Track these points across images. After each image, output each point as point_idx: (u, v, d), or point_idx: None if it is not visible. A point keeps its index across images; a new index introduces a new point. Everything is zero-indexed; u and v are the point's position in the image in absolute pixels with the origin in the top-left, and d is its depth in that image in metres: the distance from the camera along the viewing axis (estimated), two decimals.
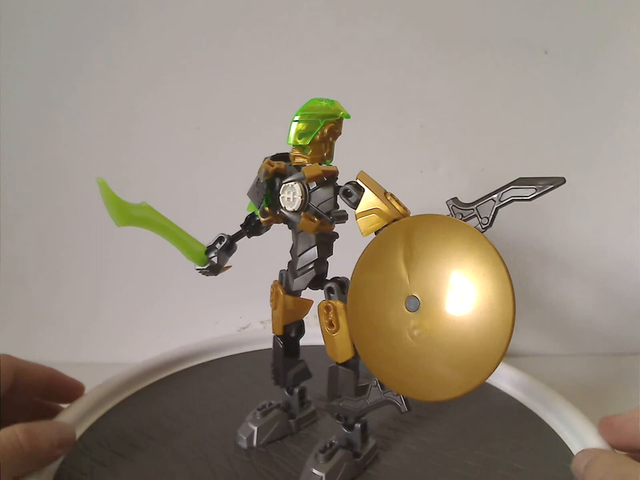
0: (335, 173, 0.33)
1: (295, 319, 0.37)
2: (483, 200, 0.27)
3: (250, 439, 0.37)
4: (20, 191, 0.59)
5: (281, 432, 0.38)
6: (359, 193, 0.31)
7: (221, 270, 0.37)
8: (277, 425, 0.38)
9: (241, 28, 0.56)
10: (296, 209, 0.32)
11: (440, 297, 0.27)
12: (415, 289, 0.28)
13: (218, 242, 0.36)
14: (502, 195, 0.26)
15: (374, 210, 0.30)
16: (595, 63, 0.57)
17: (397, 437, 0.38)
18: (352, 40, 0.56)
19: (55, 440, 0.31)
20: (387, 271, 0.29)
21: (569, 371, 0.58)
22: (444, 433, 0.39)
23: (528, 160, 0.60)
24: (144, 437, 0.38)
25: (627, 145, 0.59)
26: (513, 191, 0.26)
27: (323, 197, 0.33)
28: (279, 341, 0.37)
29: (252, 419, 0.38)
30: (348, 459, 0.33)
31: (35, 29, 0.55)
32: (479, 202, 0.27)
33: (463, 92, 0.58)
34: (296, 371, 0.38)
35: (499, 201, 0.26)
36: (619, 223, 0.61)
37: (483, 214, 0.27)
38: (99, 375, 0.42)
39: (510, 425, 0.40)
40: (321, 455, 0.32)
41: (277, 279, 0.37)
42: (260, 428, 0.37)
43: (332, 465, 0.32)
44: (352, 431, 0.34)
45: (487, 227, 0.26)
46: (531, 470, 0.35)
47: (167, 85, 0.57)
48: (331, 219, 0.33)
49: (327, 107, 0.32)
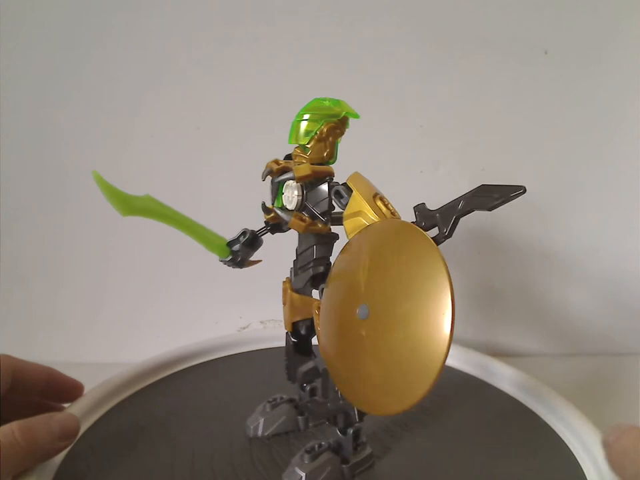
0: (328, 174, 0.33)
1: (302, 316, 0.37)
2: (445, 207, 0.26)
3: (255, 429, 0.38)
4: (20, 191, 0.59)
5: (287, 426, 0.38)
6: (349, 195, 0.31)
7: (246, 264, 0.37)
8: (283, 418, 0.38)
9: (241, 28, 0.56)
10: (294, 208, 0.33)
11: (385, 309, 0.25)
12: (367, 297, 0.27)
13: (242, 236, 0.36)
14: (462, 204, 0.25)
15: (359, 212, 0.29)
16: (595, 62, 0.57)
17: (395, 438, 0.38)
18: (352, 40, 0.56)
19: (57, 432, 0.31)
20: (348, 277, 0.29)
21: (569, 371, 0.58)
22: (443, 434, 0.39)
23: (528, 160, 0.60)
24: (144, 436, 0.38)
25: (627, 144, 0.59)
26: (475, 200, 0.24)
27: (318, 197, 0.33)
28: (290, 337, 0.38)
29: (261, 410, 0.38)
30: (334, 463, 0.33)
31: (36, 29, 0.55)
32: (441, 209, 0.26)
33: (463, 92, 0.58)
34: (305, 369, 0.38)
35: (458, 211, 0.25)
36: (619, 223, 0.61)
37: (444, 223, 0.25)
38: (99, 374, 0.42)
39: (510, 425, 0.40)
40: (307, 455, 0.32)
41: (288, 276, 0.37)
42: (266, 419, 0.38)
43: (315, 465, 0.32)
44: (345, 435, 0.33)
45: (446, 236, 0.25)
46: (531, 470, 0.35)
47: (167, 85, 0.57)
48: (325, 219, 0.33)
49: (329, 107, 0.33)
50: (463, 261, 0.62)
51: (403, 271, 0.25)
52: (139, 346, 0.55)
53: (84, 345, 0.62)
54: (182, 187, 0.59)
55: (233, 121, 0.58)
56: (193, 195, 0.60)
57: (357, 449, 0.34)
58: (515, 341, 0.62)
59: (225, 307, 0.62)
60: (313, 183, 0.33)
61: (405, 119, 0.58)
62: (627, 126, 0.58)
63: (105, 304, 0.63)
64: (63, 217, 0.60)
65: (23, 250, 0.61)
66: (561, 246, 0.61)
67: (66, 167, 0.59)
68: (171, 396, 0.43)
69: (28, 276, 0.62)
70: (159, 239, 0.60)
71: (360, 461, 0.34)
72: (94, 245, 0.61)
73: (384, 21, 0.56)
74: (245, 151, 0.56)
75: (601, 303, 0.63)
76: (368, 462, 0.34)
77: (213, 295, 0.61)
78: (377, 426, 0.39)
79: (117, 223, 0.60)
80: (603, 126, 0.59)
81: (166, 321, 0.62)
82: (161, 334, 0.62)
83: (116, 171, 0.58)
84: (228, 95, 0.57)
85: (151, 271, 0.61)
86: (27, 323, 0.62)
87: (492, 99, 0.58)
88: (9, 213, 0.59)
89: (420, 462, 0.35)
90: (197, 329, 0.58)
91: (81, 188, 0.59)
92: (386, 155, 0.58)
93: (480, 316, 0.63)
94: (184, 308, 0.62)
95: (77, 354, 0.61)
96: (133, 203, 0.33)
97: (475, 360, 0.48)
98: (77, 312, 0.62)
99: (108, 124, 0.58)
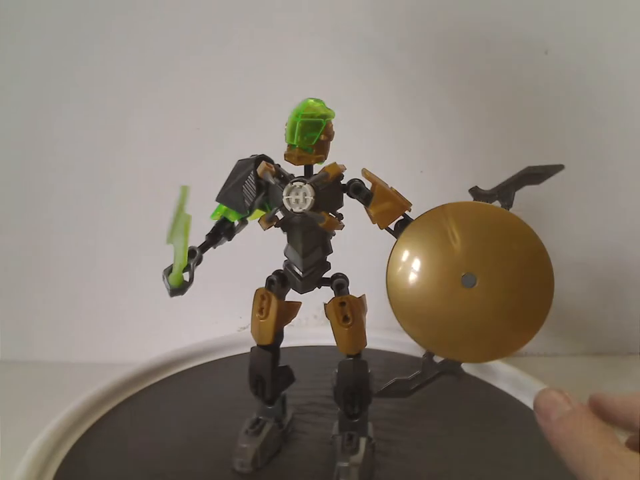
0: (341, 172, 0.33)
1: (285, 323, 0.37)
2: (502, 186, 0.32)
3: (254, 461, 0.35)
4: (19, 191, 0.59)
5: (277, 445, 0.37)
6: (367, 188, 0.33)
7: (188, 287, 0.35)
8: (273, 439, 0.36)
9: (240, 29, 0.56)
10: (306, 209, 0.32)
11: (495, 274, 0.31)
12: (470, 267, 0.31)
13: (189, 257, 0.34)
14: (516, 181, 0.32)
15: (387, 199, 0.32)
16: (595, 63, 0.57)
17: (392, 441, 0.38)
18: (351, 40, 0.56)
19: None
20: (437, 254, 0.31)
21: (569, 371, 0.58)
22: (443, 434, 0.39)
23: (528, 160, 0.59)
24: (144, 436, 0.38)
25: (627, 145, 0.59)
26: (524, 179, 0.32)
27: (332, 195, 0.33)
28: (267, 352, 0.36)
29: (247, 439, 0.36)
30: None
31: (32, 29, 0.55)
32: (500, 188, 0.32)
33: (462, 92, 0.58)
34: (283, 377, 0.38)
35: (515, 187, 0.32)
36: (619, 223, 0.61)
37: (504, 199, 0.32)
38: (99, 375, 0.42)
39: (510, 425, 0.40)
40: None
41: (261, 287, 0.36)
42: (260, 448, 0.35)
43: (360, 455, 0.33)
44: (359, 418, 0.35)
45: (509, 208, 0.32)
46: (531, 470, 0.35)
47: (166, 86, 0.57)
48: (338, 216, 0.33)
49: (323, 107, 0.33)
50: None
51: (503, 245, 0.31)
52: (139, 346, 0.55)
53: (84, 345, 0.62)
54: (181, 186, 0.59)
55: (233, 121, 0.58)
56: (193, 195, 0.60)
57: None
58: None
59: (225, 307, 0.62)
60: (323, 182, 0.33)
61: (404, 119, 0.58)
62: (627, 126, 0.58)
63: (105, 304, 0.63)
64: (63, 217, 0.60)
65: (23, 250, 0.61)
66: (560, 245, 0.61)
67: (64, 166, 0.59)
68: (171, 396, 0.44)
69: (28, 276, 0.62)
70: (159, 239, 0.59)
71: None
72: (94, 245, 0.61)
73: (383, 21, 0.56)
74: (245, 150, 0.56)
75: (600, 303, 0.63)
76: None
77: (212, 295, 0.61)
78: (375, 426, 0.39)
79: (116, 223, 0.60)
80: (603, 126, 0.59)
81: (166, 321, 0.62)
82: (161, 334, 0.62)
83: (116, 170, 0.59)
84: (228, 95, 0.57)
85: (151, 271, 0.61)
86: (27, 323, 0.62)
87: (492, 99, 0.58)
88: (7, 212, 0.59)
89: (419, 462, 0.35)
90: (197, 329, 0.58)
91: (81, 188, 0.59)
92: (386, 155, 0.58)
93: None
94: (184, 308, 0.62)
95: (77, 354, 0.61)
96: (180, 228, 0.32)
97: None
98: (77, 312, 0.62)
99: (105, 125, 0.58)
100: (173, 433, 0.38)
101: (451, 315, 0.31)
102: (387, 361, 0.49)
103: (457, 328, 0.31)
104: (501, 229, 0.32)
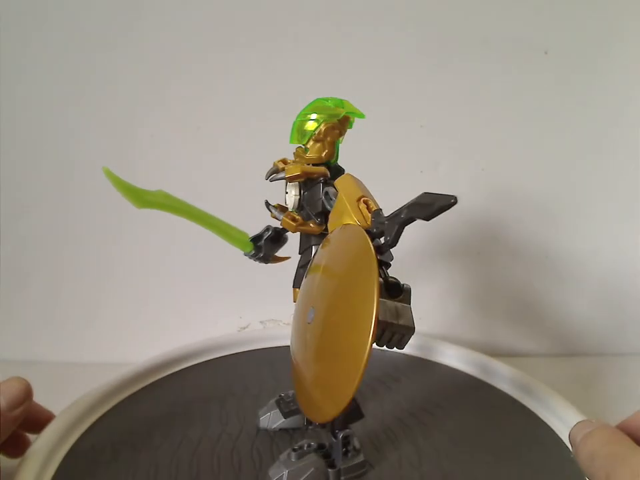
0: (322, 174, 0.32)
1: None
2: (390, 216, 0.25)
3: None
4: (20, 191, 0.59)
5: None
6: (336, 196, 0.30)
7: (272, 259, 0.37)
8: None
9: (242, 29, 0.56)
10: (292, 207, 0.32)
11: (324, 314, 0.26)
12: (315, 301, 0.27)
13: (265, 231, 0.37)
14: (405, 212, 0.24)
15: (342, 214, 0.29)
16: (595, 62, 0.57)
17: (393, 438, 0.38)
18: (352, 40, 0.56)
19: (3, 405, 0.30)
20: (307, 282, 0.29)
21: (569, 371, 0.58)
22: (443, 434, 0.39)
23: (527, 160, 0.60)
24: (144, 436, 0.38)
25: (628, 145, 0.59)
26: (415, 208, 0.24)
27: (313, 197, 0.33)
28: None
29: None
30: (319, 465, 0.31)
31: (42, 32, 0.55)
32: (388, 217, 0.25)
33: (463, 92, 0.58)
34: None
35: (401, 219, 0.25)
36: (619, 224, 0.61)
37: (388, 231, 0.25)
38: (99, 375, 0.42)
39: (510, 425, 0.40)
40: (294, 453, 0.32)
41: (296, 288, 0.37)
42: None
43: (299, 465, 0.31)
44: (335, 439, 0.32)
45: (390, 245, 0.25)
46: (531, 470, 0.35)
47: (169, 85, 0.57)
48: (320, 220, 0.33)
49: (330, 107, 0.33)
50: (463, 261, 0.62)
51: (344, 278, 0.26)
52: (139, 346, 0.55)
53: (84, 345, 0.62)
54: (182, 186, 0.59)
55: (233, 122, 0.58)
56: (193, 195, 0.60)
57: (347, 454, 0.32)
58: (515, 341, 0.62)
59: (225, 307, 0.62)
60: (309, 183, 0.33)
61: (405, 119, 0.58)
62: (627, 126, 0.58)
63: (105, 304, 0.63)
64: (63, 217, 0.60)
65: (23, 250, 0.61)
66: (561, 246, 0.61)
67: (67, 167, 0.59)
68: (171, 396, 0.44)
69: (28, 276, 0.62)
70: (159, 239, 0.60)
71: (350, 467, 0.32)
72: (94, 245, 0.61)
73: (384, 21, 0.56)
74: (246, 150, 0.56)
75: (600, 303, 0.63)
76: (360, 469, 0.33)
77: (213, 295, 0.61)
78: (376, 424, 0.39)
79: (116, 223, 0.60)
80: (603, 126, 0.59)
81: (166, 321, 0.62)
82: (161, 334, 0.62)
83: (117, 171, 0.59)
84: (228, 96, 0.57)
85: (151, 270, 0.61)
86: (27, 323, 0.62)
87: (492, 99, 0.58)
88: (9, 213, 0.59)
89: (419, 462, 0.35)
90: (197, 329, 0.57)
91: (82, 188, 0.59)
92: (386, 155, 0.58)
93: (480, 316, 0.63)
94: (184, 308, 0.62)
95: (77, 354, 0.61)
96: (146, 197, 0.33)
97: (475, 360, 0.48)
98: (77, 312, 0.62)
99: (110, 124, 0.58)
100: (173, 433, 0.38)
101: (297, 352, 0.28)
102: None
103: (299, 369, 0.28)
104: (340, 257, 0.26)
